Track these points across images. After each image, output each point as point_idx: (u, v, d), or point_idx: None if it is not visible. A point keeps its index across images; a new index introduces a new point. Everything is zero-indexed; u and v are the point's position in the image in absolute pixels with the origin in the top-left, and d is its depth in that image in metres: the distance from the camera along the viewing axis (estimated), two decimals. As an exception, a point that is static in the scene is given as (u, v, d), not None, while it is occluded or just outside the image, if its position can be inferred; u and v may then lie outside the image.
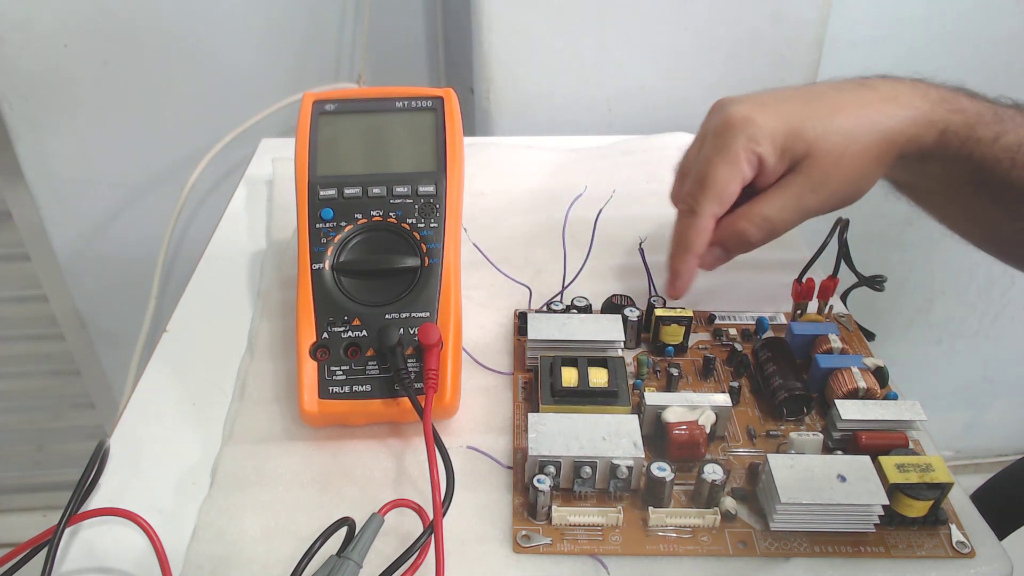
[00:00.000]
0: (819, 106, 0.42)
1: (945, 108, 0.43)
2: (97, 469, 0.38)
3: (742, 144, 0.41)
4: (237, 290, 0.52)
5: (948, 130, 0.42)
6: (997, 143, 0.43)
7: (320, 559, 0.32)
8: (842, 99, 0.43)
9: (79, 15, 0.79)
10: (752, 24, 0.74)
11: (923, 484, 0.34)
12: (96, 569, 0.35)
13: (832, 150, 0.41)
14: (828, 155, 0.41)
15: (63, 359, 1.07)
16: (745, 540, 0.35)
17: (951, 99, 0.44)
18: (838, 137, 0.41)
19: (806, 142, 0.41)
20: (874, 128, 0.42)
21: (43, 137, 0.86)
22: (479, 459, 0.40)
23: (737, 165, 0.42)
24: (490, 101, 0.77)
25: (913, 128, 0.42)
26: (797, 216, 0.43)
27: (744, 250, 0.44)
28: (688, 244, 0.43)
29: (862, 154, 0.42)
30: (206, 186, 0.88)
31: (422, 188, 0.44)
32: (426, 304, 0.41)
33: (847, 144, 0.41)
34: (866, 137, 0.42)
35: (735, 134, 0.42)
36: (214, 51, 0.83)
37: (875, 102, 0.43)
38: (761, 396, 0.42)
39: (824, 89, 0.44)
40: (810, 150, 0.41)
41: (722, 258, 0.44)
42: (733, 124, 0.42)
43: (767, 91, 0.45)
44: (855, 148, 0.41)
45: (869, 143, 0.42)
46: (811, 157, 0.41)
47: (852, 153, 0.41)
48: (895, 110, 0.42)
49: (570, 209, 0.57)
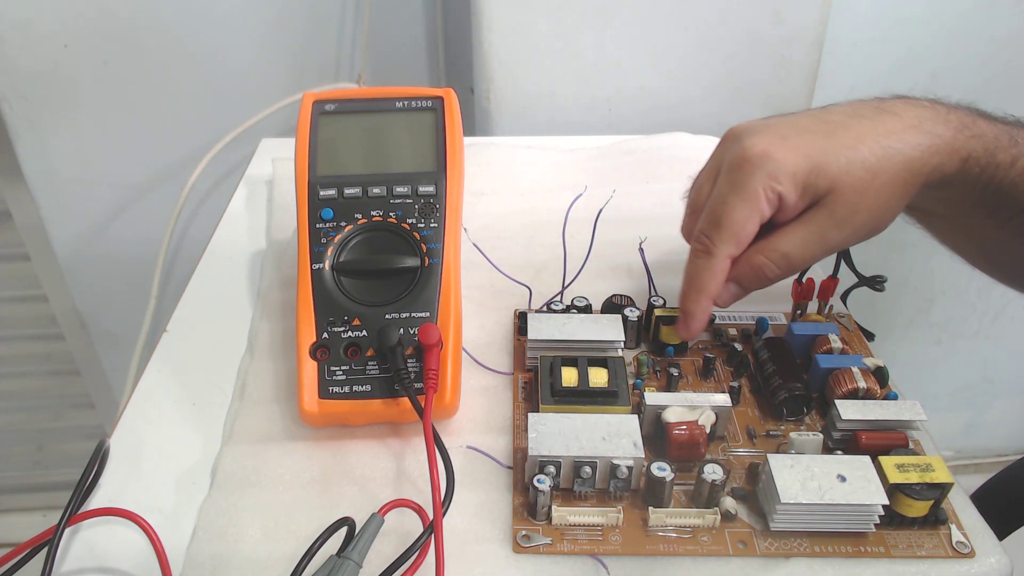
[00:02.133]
0: (841, 138, 0.40)
1: (966, 135, 0.41)
2: (97, 469, 0.38)
3: (761, 182, 0.39)
4: (237, 290, 0.52)
5: (970, 158, 0.41)
6: (1014, 167, 0.42)
7: (320, 559, 0.32)
8: (863, 128, 0.41)
9: (79, 15, 0.79)
10: (752, 24, 0.74)
11: (923, 484, 0.35)
12: (96, 569, 0.35)
13: (856, 185, 0.39)
14: (852, 190, 0.39)
15: (63, 359, 1.07)
16: (745, 540, 0.35)
17: (971, 124, 0.42)
18: (862, 171, 0.39)
19: (829, 178, 0.39)
20: (898, 159, 0.40)
21: (43, 137, 0.86)
22: (479, 459, 0.40)
23: (756, 204, 0.39)
24: (490, 101, 0.77)
25: (937, 158, 0.40)
26: (819, 252, 0.41)
27: (761, 286, 0.42)
28: (702, 286, 0.41)
29: (887, 187, 0.40)
30: (206, 186, 0.88)
31: (422, 188, 0.44)
32: (426, 304, 0.41)
33: (871, 178, 0.39)
34: (891, 170, 0.40)
35: (753, 171, 0.39)
36: (214, 51, 0.83)
37: (898, 131, 0.40)
38: (761, 396, 0.42)
39: (843, 117, 0.42)
40: (833, 186, 0.39)
41: (737, 295, 0.42)
42: (751, 160, 0.40)
43: (783, 118, 0.43)
44: (880, 181, 0.39)
45: (894, 175, 0.40)
46: (834, 193, 0.39)
47: (877, 187, 0.39)
48: (918, 139, 0.40)
49: (570, 209, 0.57)
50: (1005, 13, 0.85)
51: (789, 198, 0.39)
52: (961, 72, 0.89)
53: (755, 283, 0.42)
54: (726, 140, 0.43)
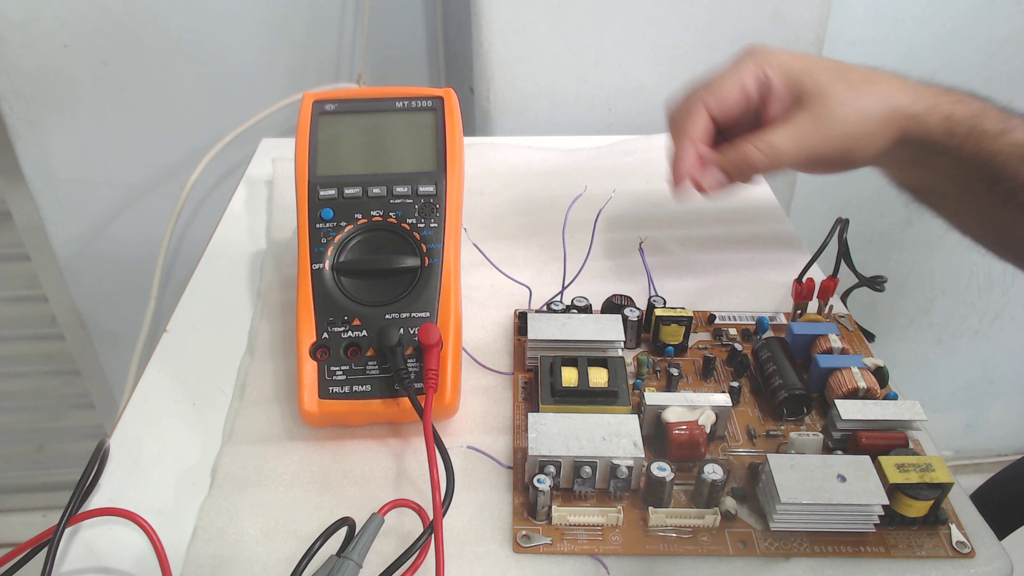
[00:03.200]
0: (834, 63, 0.45)
1: (949, 99, 0.45)
2: (97, 469, 0.38)
3: (753, 62, 0.45)
4: (237, 290, 0.52)
5: (952, 117, 0.44)
6: (1004, 137, 0.44)
7: (320, 559, 0.32)
8: (856, 69, 0.46)
9: (79, 15, 0.79)
10: (752, 24, 0.74)
11: (923, 484, 0.34)
12: (96, 569, 0.35)
13: (839, 95, 0.44)
14: (835, 99, 0.44)
15: (63, 359, 1.07)
16: (745, 540, 0.35)
17: (956, 94, 0.45)
18: (845, 87, 0.44)
19: (815, 81, 0.44)
20: (881, 95, 0.44)
21: (43, 137, 0.86)
22: (479, 459, 0.40)
23: (742, 76, 0.45)
24: (490, 101, 0.77)
25: (918, 106, 0.44)
26: (799, 150, 0.44)
27: (744, 175, 0.45)
28: (682, 126, 0.45)
29: (866, 111, 0.44)
30: (206, 186, 0.88)
31: (422, 188, 0.44)
32: (426, 304, 0.41)
33: (853, 96, 0.44)
34: (872, 97, 0.44)
35: (749, 55, 0.46)
36: (214, 51, 0.83)
37: (884, 79, 0.45)
38: (761, 396, 0.42)
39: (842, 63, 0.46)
40: (818, 89, 0.44)
41: (722, 182, 0.45)
42: (751, 49, 0.46)
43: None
44: (860, 102, 0.44)
45: (874, 104, 0.44)
46: (819, 96, 0.44)
47: (857, 105, 0.44)
48: (902, 86, 0.45)
49: (570, 209, 0.57)
50: (1005, 13, 0.85)
51: (775, 83, 0.45)
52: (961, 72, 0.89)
53: (740, 168, 0.45)
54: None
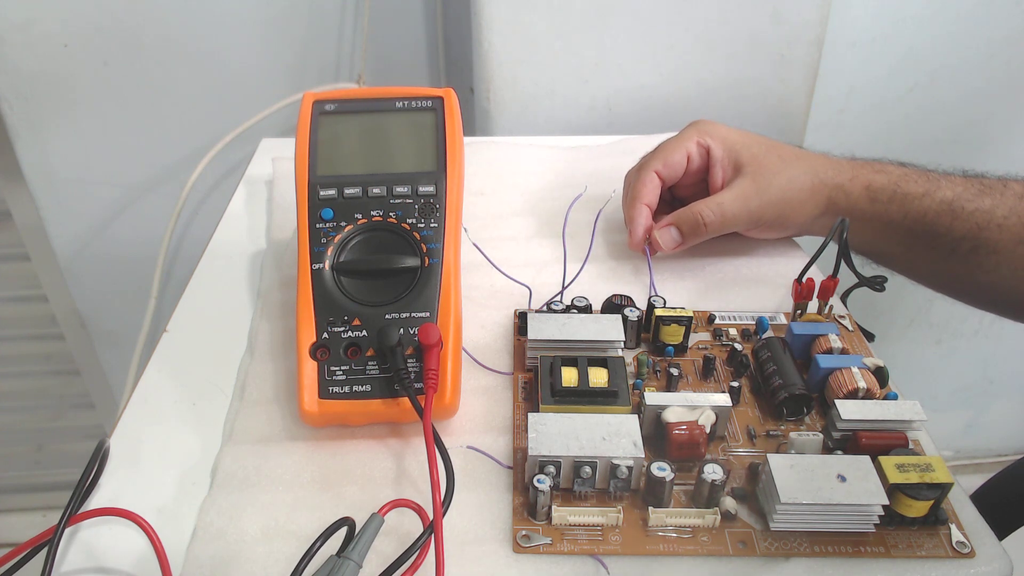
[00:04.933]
0: (766, 140, 0.53)
1: (869, 169, 0.51)
2: (97, 469, 0.38)
3: (696, 133, 0.53)
4: (237, 290, 0.52)
5: (872, 186, 0.50)
6: (928, 197, 0.49)
7: (320, 559, 0.32)
8: (785, 146, 0.53)
9: (79, 15, 0.79)
10: (752, 24, 0.74)
11: (923, 484, 0.34)
12: (96, 569, 0.35)
13: (771, 166, 0.51)
14: (768, 167, 0.51)
15: (63, 359, 1.07)
16: (745, 540, 0.35)
17: (877, 164, 0.52)
18: (777, 159, 0.51)
19: (751, 153, 0.51)
20: (807, 167, 0.51)
21: (43, 137, 0.86)
22: (479, 459, 0.40)
23: (686, 144, 0.52)
24: (490, 101, 0.77)
25: (839, 177, 0.51)
26: (744, 210, 0.51)
27: (697, 233, 0.51)
28: (636, 193, 0.53)
29: (796, 180, 0.51)
30: (206, 186, 0.88)
31: (422, 188, 0.44)
32: (426, 304, 0.41)
33: (784, 167, 0.51)
34: (799, 169, 0.51)
35: (693, 127, 0.54)
36: (214, 51, 0.83)
37: (809, 156, 0.53)
38: (761, 396, 0.42)
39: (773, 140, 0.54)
40: (753, 159, 0.51)
41: (677, 240, 0.52)
42: (694, 124, 0.54)
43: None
44: (790, 172, 0.51)
45: (803, 174, 0.51)
46: (755, 165, 0.51)
47: (788, 175, 0.51)
48: (824, 162, 0.52)
49: (570, 209, 0.57)
50: (1005, 13, 0.85)
51: (716, 152, 0.52)
52: (961, 72, 0.89)
53: (692, 228, 0.51)
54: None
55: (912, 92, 0.90)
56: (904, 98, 0.91)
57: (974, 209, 0.48)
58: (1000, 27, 0.86)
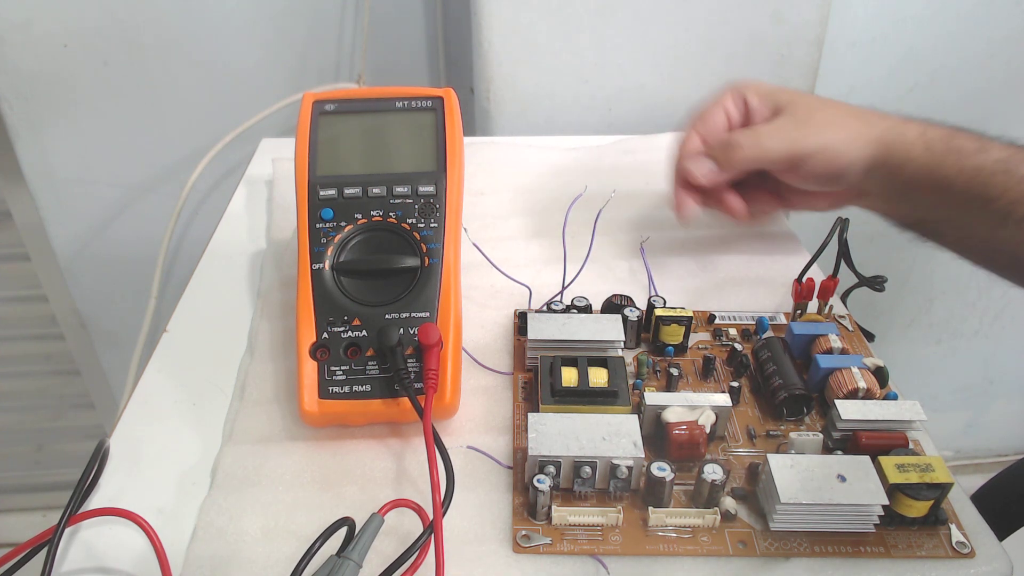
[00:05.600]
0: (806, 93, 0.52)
1: (918, 121, 0.48)
2: (97, 469, 0.38)
3: (732, 91, 0.52)
4: (237, 290, 0.52)
5: (927, 134, 0.46)
6: (983, 154, 0.45)
7: (320, 559, 0.32)
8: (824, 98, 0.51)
9: (79, 15, 0.79)
10: (752, 24, 0.74)
11: (923, 484, 0.34)
12: (96, 569, 0.35)
13: (811, 104, 0.49)
14: (808, 105, 0.49)
15: (63, 359, 1.07)
16: (745, 540, 0.35)
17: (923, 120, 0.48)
18: (816, 100, 0.50)
19: (789, 96, 0.50)
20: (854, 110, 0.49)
21: (43, 137, 0.86)
22: (479, 459, 0.40)
23: (723, 102, 0.52)
24: (490, 101, 0.77)
25: (890, 120, 0.48)
26: (783, 141, 0.48)
27: (731, 160, 0.49)
28: (676, 154, 0.52)
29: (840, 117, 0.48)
30: (206, 186, 0.88)
31: (422, 188, 0.44)
32: (426, 304, 0.41)
33: (824, 105, 0.49)
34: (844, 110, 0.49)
35: (729, 86, 0.52)
36: (214, 51, 0.83)
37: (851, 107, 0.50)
38: (761, 396, 0.42)
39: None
40: (791, 101, 0.49)
41: (711, 167, 0.50)
42: (732, 82, 0.53)
43: None
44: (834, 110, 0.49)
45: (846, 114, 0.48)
46: (793, 105, 0.49)
47: (832, 111, 0.48)
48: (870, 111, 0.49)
49: (570, 209, 0.57)
50: (1005, 13, 0.85)
51: (753, 102, 0.51)
52: (961, 72, 0.89)
53: (726, 154, 0.49)
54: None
55: (912, 92, 0.90)
56: (904, 98, 0.90)
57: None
58: (1000, 27, 0.86)
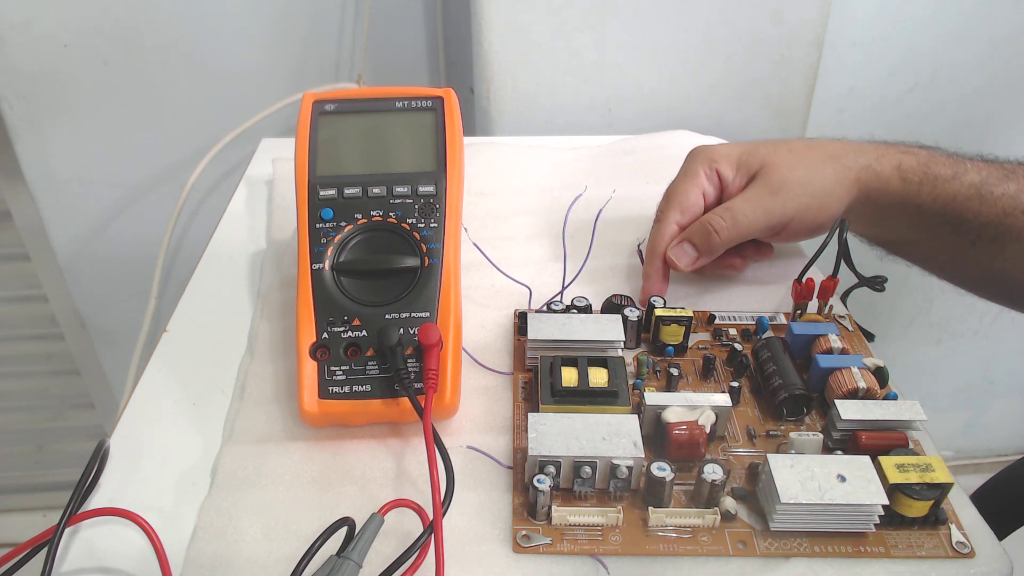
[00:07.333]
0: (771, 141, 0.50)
1: (895, 150, 0.48)
2: (97, 469, 0.38)
3: (702, 164, 0.49)
4: (237, 290, 0.52)
5: (902, 166, 0.47)
6: (957, 180, 0.47)
7: (320, 559, 0.32)
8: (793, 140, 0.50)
9: (79, 15, 0.79)
10: (752, 24, 0.74)
11: (923, 484, 0.35)
12: (96, 569, 0.35)
13: (783, 162, 0.48)
14: (781, 165, 0.48)
15: (63, 359, 1.07)
16: (745, 540, 0.35)
17: (901, 146, 0.49)
18: (788, 154, 0.48)
19: (760, 157, 0.48)
20: (825, 155, 0.48)
21: (43, 137, 0.86)
22: (479, 459, 0.40)
23: (697, 179, 0.49)
24: (490, 101, 0.77)
25: (864, 158, 0.48)
26: (759, 211, 0.47)
27: (711, 245, 0.48)
28: (654, 247, 0.49)
29: (815, 171, 0.47)
30: (206, 186, 0.88)
31: (422, 188, 0.44)
32: (426, 304, 0.41)
33: (797, 160, 0.48)
34: (816, 159, 0.48)
35: (696, 157, 0.50)
36: (214, 51, 0.83)
37: (825, 143, 0.49)
38: (761, 396, 0.42)
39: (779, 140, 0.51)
40: (764, 162, 0.48)
41: (693, 256, 0.48)
42: (696, 152, 0.51)
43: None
44: (806, 163, 0.48)
45: (820, 163, 0.48)
46: (766, 167, 0.48)
47: (804, 167, 0.47)
48: (843, 146, 0.49)
49: (570, 209, 0.57)
50: (1005, 13, 0.85)
51: (727, 174, 0.49)
52: (961, 72, 0.89)
53: (705, 239, 0.48)
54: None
55: (912, 92, 0.90)
56: (904, 98, 0.91)
57: (1000, 194, 0.47)
58: (1000, 27, 0.86)
